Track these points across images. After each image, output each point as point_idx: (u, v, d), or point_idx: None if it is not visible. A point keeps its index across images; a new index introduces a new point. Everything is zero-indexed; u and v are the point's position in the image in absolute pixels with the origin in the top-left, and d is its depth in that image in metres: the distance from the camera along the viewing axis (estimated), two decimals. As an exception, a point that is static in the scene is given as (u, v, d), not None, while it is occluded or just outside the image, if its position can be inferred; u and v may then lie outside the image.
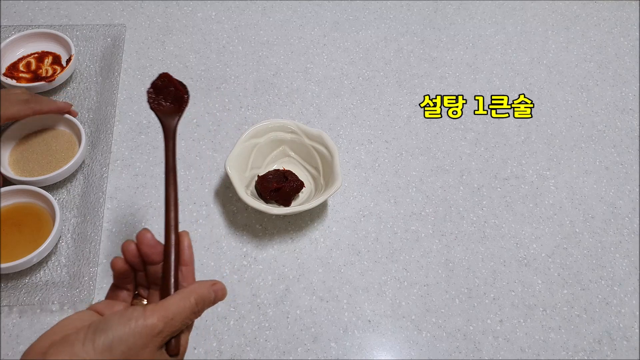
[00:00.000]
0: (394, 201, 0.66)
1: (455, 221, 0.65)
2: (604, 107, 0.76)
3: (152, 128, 0.69)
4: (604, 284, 0.62)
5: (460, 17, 0.84)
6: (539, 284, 0.61)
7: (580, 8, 0.87)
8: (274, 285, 0.59)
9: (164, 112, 0.47)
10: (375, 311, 0.58)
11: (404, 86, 0.76)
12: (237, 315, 0.57)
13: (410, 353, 0.56)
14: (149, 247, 0.41)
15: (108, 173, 0.65)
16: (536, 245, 0.64)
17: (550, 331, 0.58)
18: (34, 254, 0.54)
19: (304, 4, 0.83)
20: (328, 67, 0.77)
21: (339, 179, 0.59)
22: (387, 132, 0.71)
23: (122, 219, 0.62)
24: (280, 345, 0.55)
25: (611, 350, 0.57)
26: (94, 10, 0.80)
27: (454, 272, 0.61)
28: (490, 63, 0.79)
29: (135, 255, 0.41)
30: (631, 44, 0.83)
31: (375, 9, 0.84)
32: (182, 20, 0.80)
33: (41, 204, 0.59)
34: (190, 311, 0.37)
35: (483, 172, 0.69)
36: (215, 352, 0.55)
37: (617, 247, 0.64)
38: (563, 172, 0.70)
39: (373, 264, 0.61)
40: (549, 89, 0.77)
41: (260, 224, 0.63)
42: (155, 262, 0.41)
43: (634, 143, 0.73)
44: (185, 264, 0.41)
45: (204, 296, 0.39)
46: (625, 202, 0.68)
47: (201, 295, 0.38)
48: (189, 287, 0.39)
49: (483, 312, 0.59)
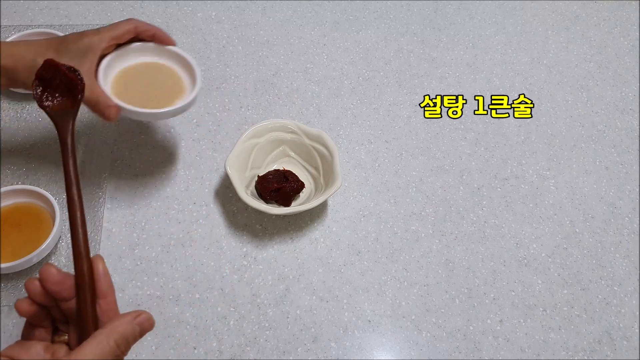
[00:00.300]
0: (394, 201, 0.66)
1: (455, 221, 0.65)
2: (604, 107, 0.76)
3: (152, 128, 0.69)
4: (604, 284, 0.62)
5: (460, 17, 0.84)
6: (539, 284, 0.61)
7: (580, 8, 0.87)
8: (274, 285, 0.59)
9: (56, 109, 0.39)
10: (375, 311, 0.58)
11: (404, 86, 0.76)
12: (237, 315, 0.57)
13: (410, 353, 0.56)
14: (55, 284, 0.35)
15: (108, 173, 0.65)
16: (536, 245, 0.64)
17: (550, 331, 0.58)
18: (34, 254, 0.54)
19: (304, 4, 0.83)
20: (328, 67, 0.77)
21: (339, 179, 0.59)
22: (387, 132, 0.71)
23: (122, 219, 0.62)
24: (280, 345, 0.55)
25: (611, 350, 0.57)
26: (94, 10, 0.80)
27: (454, 272, 0.61)
28: (490, 63, 0.79)
29: (42, 293, 0.36)
30: (631, 44, 0.83)
31: (375, 9, 0.84)
32: (182, 20, 0.80)
33: (41, 204, 0.59)
34: (112, 355, 0.34)
35: (483, 172, 0.69)
36: (215, 352, 0.55)
37: (617, 247, 0.64)
38: (563, 172, 0.70)
39: (373, 264, 0.61)
40: (549, 89, 0.77)
41: (260, 224, 0.63)
42: (66, 298, 0.36)
43: (634, 143, 0.73)
44: (102, 296, 0.37)
45: (126, 334, 0.35)
46: (625, 202, 0.68)
47: (123, 333, 0.35)
48: (109, 327, 0.35)
49: (483, 312, 0.59)
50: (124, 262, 0.59)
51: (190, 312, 0.57)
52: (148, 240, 0.61)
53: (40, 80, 0.39)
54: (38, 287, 0.36)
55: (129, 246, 0.60)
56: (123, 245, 0.60)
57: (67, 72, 0.40)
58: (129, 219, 0.62)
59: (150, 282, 0.58)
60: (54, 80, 0.40)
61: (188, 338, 0.55)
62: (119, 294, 0.57)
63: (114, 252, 0.60)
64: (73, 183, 0.37)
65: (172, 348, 0.55)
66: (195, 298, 0.58)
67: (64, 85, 0.40)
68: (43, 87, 0.40)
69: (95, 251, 0.59)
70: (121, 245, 0.60)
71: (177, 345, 0.55)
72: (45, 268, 0.36)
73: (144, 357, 0.54)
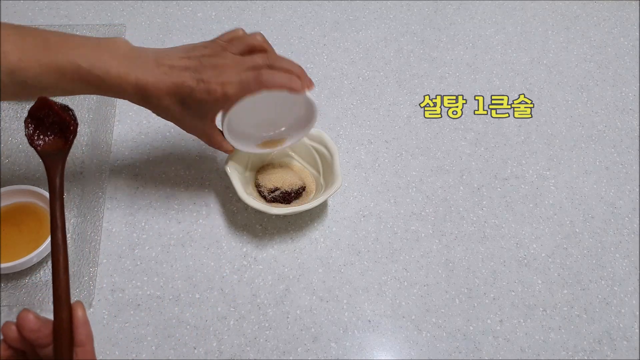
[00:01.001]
0: (394, 201, 0.66)
1: (455, 221, 0.65)
2: (604, 107, 0.76)
3: (152, 128, 0.69)
4: (604, 284, 0.62)
5: (460, 17, 0.84)
6: (539, 284, 0.61)
7: (580, 8, 0.87)
8: (274, 285, 0.59)
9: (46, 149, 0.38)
10: (375, 311, 0.58)
11: (404, 86, 0.76)
12: (237, 315, 0.57)
13: (410, 353, 0.56)
14: (32, 331, 0.35)
15: (108, 173, 0.65)
16: (536, 245, 0.64)
17: (550, 331, 0.58)
18: (34, 254, 0.54)
19: (304, 4, 0.83)
20: (328, 67, 0.77)
21: (339, 179, 0.59)
22: (387, 132, 0.71)
23: (122, 219, 0.62)
24: (280, 345, 0.55)
25: (611, 350, 0.57)
26: (94, 10, 0.80)
27: (454, 272, 0.61)
28: (490, 63, 0.79)
29: (18, 339, 0.35)
30: (631, 44, 0.83)
31: (375, 9, 0.84)
32: (182, 20, 0.80)
33: (41, 204, 0.59)
34: None
35: (483, 172, 0.69)
36: (215, 352, 0.55)
37: (617, 247, 0.64)
38: (563, 172, 0.70)
39: (373, 264, 0.61)
40: (549, 89, 0.77)
41: (260, 224, 0.63)
42: (43, 345, 0.35)
43: (634, 143, 0.73)
44: (80, 344, 0.36)
45: None
46: (625, 202, 0.68)
47: None
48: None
49: (483, 312, 0.59)
50: (124, 262, 0.59)
51: (190, 312, 0.57)
52: (148, 240, 0.61)
53: (32, 119, 0.38)
54: (15, 332, 0.35)
55: (129, 246, 0.60)
56: (123, 245, 0.60)
57: (61, 111, 0.39)
58: (129, 219, 0.62)
59: (150, 282, 0.58)
60: (46, 119, 0.38)
61: (188, 338, 0.55)
62: (119, 294, 0.57)
63: (114, 252, 0.60)
64: (58, 227, 0.36)
65: (172, 348, 0.55)
66: (195, 298, 0.58)
67: (56, 125, 0.38)
68: (35, 125, 0.38)
69: (95, 251, 0.59)
70: (121, 245, 0.60)
71: (177, 345, 0.55)
72: (23, 314, 0.35)
73: (144, 357, 0.54)
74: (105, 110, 0.69)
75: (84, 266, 0.57)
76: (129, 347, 0.55)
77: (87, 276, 0.57)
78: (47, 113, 0.38)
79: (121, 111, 0.70)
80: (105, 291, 0.57)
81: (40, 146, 0.38)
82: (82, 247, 0.59)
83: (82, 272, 0.57)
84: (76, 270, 0.57)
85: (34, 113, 0.38)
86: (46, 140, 0.38)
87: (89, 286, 0.56)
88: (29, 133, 0.39)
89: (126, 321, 0.56)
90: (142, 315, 0.56)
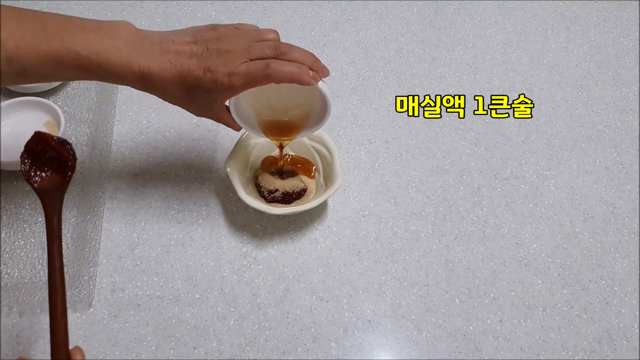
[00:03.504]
0: (394, 201, 0.66)
1: (455, 221, 0.65)
2: (604, 107, 0.76)
3: (152, 128, 0.69)
4: (604, 284, 0.62)
5: (460, 17, 0.84)
6: (539, 284, 0.61)
7: (580, 8, 0.87)
8: (274, 285, 0.59)
9: (43, 186, 0.36)
10: (375, 311, 0.58)
11: (404, 86, 0.76)
12: (237, 315, 0.57)
13: (410, 353, 0.56)
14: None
15: (108, 173, 0.65)
16: (536, 245, 0.64)
17: (550, 331, 0.58)
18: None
19: (304, 4, 0.83)
20: (328, 67, 0.76)
21: (339, 179, 0.59)
22: (387, 132, 0.71)
23: (122, 219, 0.62)
24: (280, 345, 0.55)
25: (611, 350, 0.57)
26: (94, 10, 0.80)
27: (454, 272, 0.61)
28: (490, 63, 0.79)
29: None
30: (631, 44, 0.83)
31: (375, 9, 0.84)
32: (182, 20, 0.80)
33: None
34: None
35: (483, 172, 0.69)
36: (215, 352, 0.55)
37: (617, 247, 0.64)
38: (563, 172, 0.70)
39: (373, 264, 0.61)
40: (549, 89, 0.77)
41: (260, 224, 0.63)
42: None
43: (634, 143, 0.73)
44: None
45: None
46: (625, 202, 0.68)
47: None
48: None
49: (483, 312, 0.59)
50: (124, 262, 0.59)
51: (190, 312, 0.57)
52: (148, 240, 0.61)
53: (29, 154, 0.37)
54: None
55: (129, 246, 0.60)
56: (123, 245, 0.60)
57: (58, 146, 0.37)
58: (129, 219, 0.62)
59: (150, 282, 0.58)
60: (43, 155, 0.37)
61: (188, 338, 0.55)
62: (119, 294, 0.57)
63: (114, 252, 0.60)
64: (57, 269, 0.35)
65: (172, 348, 0.55)
66: (195, 298, 0.58)
67: (54, 160, 0.37)
68: (32, 160, 0.37)
69: (95, 251, 0.59)
70: (121, 245, 0.60)
71: (177, 345, 0.55)
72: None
73: (144, 357, 0.54)
74: (105, 110, 0.69)
75: (84, 266, 0.57)
76: (129, 347, 0.55)
77: (87, 276, 0.57)
78: (44, 148, 0.37)
79: (121, 111, 0.70)
80: (105, 291, 0.57)
81: (37, 182, 0.37)
82: (82, 247, 0.59)
83: (82, 272, 0.57)
84: (76, 270, 0.57)
85: (31, 147, 0.37)
86: (43, 176, 0.37)
87: (88, 286, 0.56)
88: (25, 169, 0.37)
89: (126, 321, 0.56)
90: (142, 315, 0.56)
